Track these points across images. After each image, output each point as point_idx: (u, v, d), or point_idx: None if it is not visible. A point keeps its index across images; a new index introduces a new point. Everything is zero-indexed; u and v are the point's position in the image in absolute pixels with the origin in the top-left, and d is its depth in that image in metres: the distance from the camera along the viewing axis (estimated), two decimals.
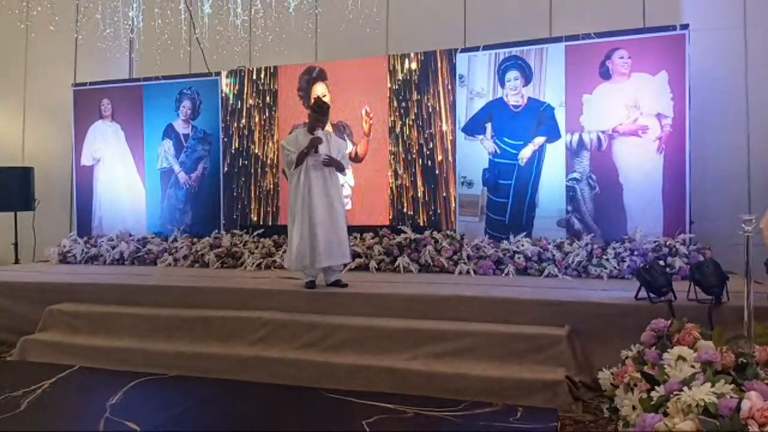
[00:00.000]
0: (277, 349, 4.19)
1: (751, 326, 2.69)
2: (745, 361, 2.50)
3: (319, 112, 4.74)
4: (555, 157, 5.62)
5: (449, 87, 6.06)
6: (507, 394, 3.50)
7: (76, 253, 6.93)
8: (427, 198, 6.12)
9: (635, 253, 5.11)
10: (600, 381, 3.06)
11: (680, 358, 2.64)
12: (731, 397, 2.19)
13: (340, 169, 4.79)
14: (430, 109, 6.14)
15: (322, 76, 6.57)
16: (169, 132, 7.08)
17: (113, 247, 6.86)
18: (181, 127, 7.05)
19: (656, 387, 2.52)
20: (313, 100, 4.96)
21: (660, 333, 3.06)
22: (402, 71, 6.26)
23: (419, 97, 6.18)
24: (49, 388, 3.90)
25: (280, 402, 3.67)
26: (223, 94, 6.90)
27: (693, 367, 2.55)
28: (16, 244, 7.14)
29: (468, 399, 3.51)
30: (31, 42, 7.68)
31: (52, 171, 7.61)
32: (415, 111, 6.19)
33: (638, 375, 2.71)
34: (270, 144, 6.73)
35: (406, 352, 3.93)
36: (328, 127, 5.80)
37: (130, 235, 7.02)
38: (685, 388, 2.30)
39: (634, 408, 2.57)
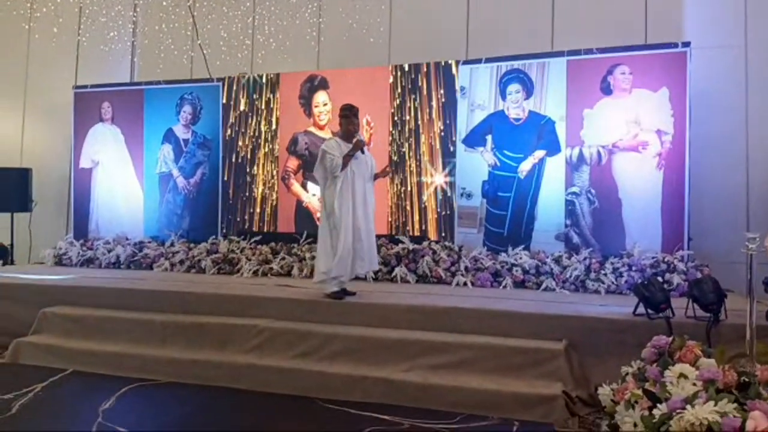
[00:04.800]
0: (272, 358, 4.16)
1: (753, 345, 2.67)
2: (747, 380, 2.48)
3: (351, 115, 4.70)
4: (555, 171, 5.63)
5: (450, 98, 6.07)
6: (503, 408, 3.49)
7: (71, 255, 6.88)
8: (426, 209, 6.11)
9: (633, 268, 5.11)
10: (600, 397, 3.03)
11: (682, 375, 2.62)
12: (734, 416, 2.17)
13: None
14: (431, 120, 6.14)
15: (323, 85, 6.57)
16: (169, 136, 7.06)
17: (109, 251, 6.82)
18: (181, 131, 7.03)
19: (658, 405, 2.50)
20: (340, 108, 4.85)
21: (661, 350, 3.04)
22: (404, 81, 6.26)
23: (420, 107, 6.19)
24: (42, 391, 3.86)
25: (275, 412, 3.64)
26: (224, 101, 6.90)
27: (695, 385, 2.53)
28: (12, 245, 7.09)
29: (464, 412, 3.49)
30: (33, 43, 7.68)
31: (51, 173, 7.59)
32: (416, 121, 6.19)
33: (639, 392, 2.69)
34: (271, 150, 6.72)
35: (403, 364, 3.90)
36: (328, 134, 5.79)
37: (127, 239, 6.98)
38: (688, 407, 2.28)
39: (635, 425, 2.55)
